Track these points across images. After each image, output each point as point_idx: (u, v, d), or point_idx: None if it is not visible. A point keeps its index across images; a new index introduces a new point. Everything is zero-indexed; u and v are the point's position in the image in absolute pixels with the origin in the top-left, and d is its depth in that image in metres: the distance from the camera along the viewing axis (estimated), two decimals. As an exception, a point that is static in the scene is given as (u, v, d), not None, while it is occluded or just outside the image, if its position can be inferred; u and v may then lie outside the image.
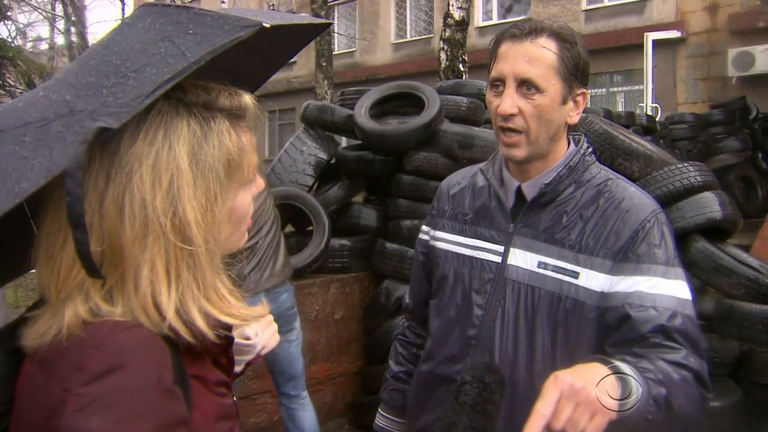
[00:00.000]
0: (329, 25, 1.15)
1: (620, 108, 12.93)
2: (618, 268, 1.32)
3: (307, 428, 3.25)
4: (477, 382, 1.41)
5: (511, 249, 1.42)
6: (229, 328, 0.91)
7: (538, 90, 1.32)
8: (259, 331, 1.12)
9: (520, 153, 1.37)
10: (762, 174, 9.02)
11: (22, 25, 16.04)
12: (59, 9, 20.49)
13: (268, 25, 0.78)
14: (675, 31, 12.84)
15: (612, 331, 1.31)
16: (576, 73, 1.36)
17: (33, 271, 0.93)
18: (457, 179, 1.62)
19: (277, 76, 19.68)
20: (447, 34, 8.05)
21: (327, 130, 4.92)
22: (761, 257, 3.90)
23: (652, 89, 11.22)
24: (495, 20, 16.36)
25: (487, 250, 1.46)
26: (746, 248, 4.44)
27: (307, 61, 18.32)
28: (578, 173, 1.41)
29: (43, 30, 21.49)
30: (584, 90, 1.40)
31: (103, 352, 0.75)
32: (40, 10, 18.59)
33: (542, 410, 1.02)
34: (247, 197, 0.92)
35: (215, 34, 0.78)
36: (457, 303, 1.48)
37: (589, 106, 10.95)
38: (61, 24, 20.52)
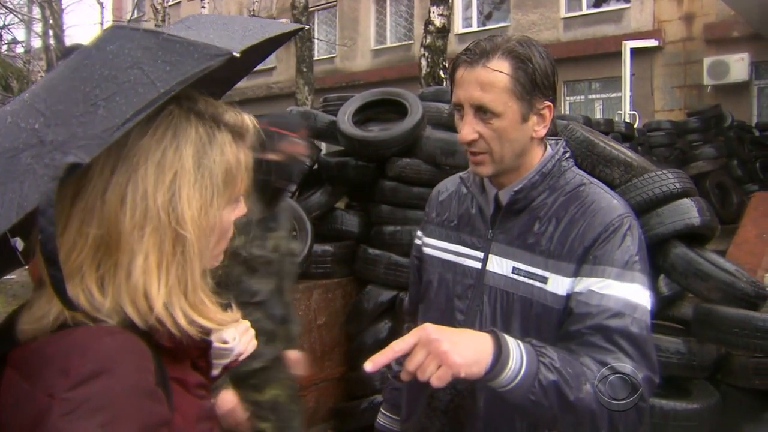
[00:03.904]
0: (301, 29, 1.15)
1: (599, 115, 13.07)
2: (578, 271, 1.33)
3: None
4: (449, 389, 1.43)
5: (490, 255, 1.44)
6: (207, 332, 0.92)
7: (495, 114, 1.33)
8: (236, 336, 1.13)
9: (486, 170, 1.40)
10: (736, 181, 9.17)
11: (-3, 28, 15.83)
12: (36, 12, 20.27)
13: (237, 54, 0.79)
14: (652, 40, 13.01)
15: (561, 329, 1.33)
16: (534, 89, 1.34)
17: (12, 276, 0.94)
18: (446, 186, 1.65)
19: (257, 81, 19.67)
20: (428, 40, 8.09)
21: (309, 136, 4.92)
22: (736, 262, 3.97)
23: (630, 97, 11.35)
24: (475, 27, 16.46)
25: (468, 257, 1.48)
26: (722, 254, 4.52)
27: (287, 67, 18.28)
28: (553, 179, 1.42)
29: (20, 33, 21.27)
30: (548, 102, 1.38)
31: (87, 356, 0.76)
32: (16, 13, 18.39)
33: (395, 346, 1.11)
34: (231, 216, 0.95)
35: (185, 63, 0.79)
36: (441, 307, 1.51)
37: (568, 113, 11.06)
38: (38, 27, 20.30)
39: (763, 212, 7.48)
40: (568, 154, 1.47)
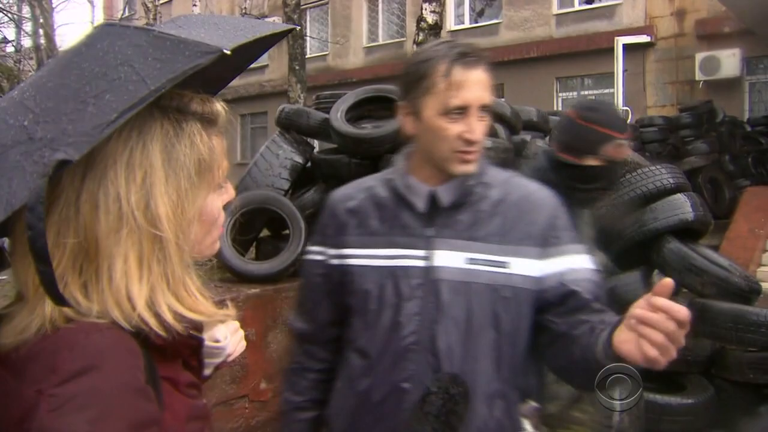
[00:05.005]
0: (291, 30, 1.14)
1: (591, 111, 13.07)
2: (545, 252, 1.45)
3: None
4: (442, 393, 1.41)
5: (436, 252, 1.44)
6: (199, 329, 0.92)
7: (488, 113, 1.44)
8: (228, 335, 1.12)
9: (474, 167, 1.46)
10: (729, 176, 9.21)
11: (-13, 28, 15.75)
12: (26, 11, 20.17)
13: (228, 52, 0.79)
14: (644, 36, 13.04)
15: (555, 307, 1.43)
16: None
17: (3, 277, 0.93)
18: (350, 193, 1.59)
19: (249, 79, 19.64)
20: (420, 38, 8.08)
21: (302, 133, 4.90)
22: (729, 257, 3.98)
23: (623, 92, 11.38)
24: (467, 24, 16.48)
25: (407, 257, 1.46)
26: (714, 248, 4.53)
27: (279, 65, 18.25)
28: (482, 173, 1.49)
29: (10, 32, 21.15)
30: None
31: (77, 353, 0.75)
32: (6, 12, 18.30)
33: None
34: (218, 202, 0.94)
35: (175, 60, 0.78)
36: (389, 313, 1.46)
37: (560, 109, 11.05)
38: (28, 26, 20.21)
39: (755, 207, 7.54)
40: None
